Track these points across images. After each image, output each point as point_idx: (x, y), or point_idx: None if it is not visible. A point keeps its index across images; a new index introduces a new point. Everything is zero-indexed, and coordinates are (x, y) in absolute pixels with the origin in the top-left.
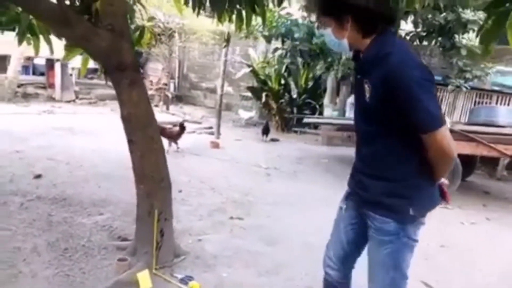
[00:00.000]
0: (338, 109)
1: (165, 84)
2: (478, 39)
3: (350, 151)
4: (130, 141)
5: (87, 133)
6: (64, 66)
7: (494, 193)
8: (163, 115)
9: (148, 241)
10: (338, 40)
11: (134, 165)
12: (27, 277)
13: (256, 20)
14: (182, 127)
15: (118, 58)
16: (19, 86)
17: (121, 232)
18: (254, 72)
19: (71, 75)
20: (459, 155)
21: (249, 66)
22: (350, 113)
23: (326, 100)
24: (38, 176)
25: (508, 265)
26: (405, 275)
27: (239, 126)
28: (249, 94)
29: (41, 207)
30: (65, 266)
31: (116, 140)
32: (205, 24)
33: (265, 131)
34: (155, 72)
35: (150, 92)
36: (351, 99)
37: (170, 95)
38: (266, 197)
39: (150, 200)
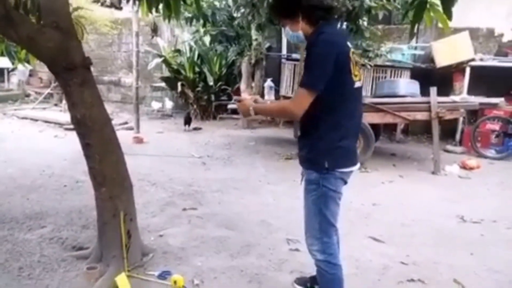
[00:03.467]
0: (255, 93)
1: None
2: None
3: (269, 132)
4: (86, 145)
5: None
6: None
7: (398, 154)
8: (67, 115)
9: (115, 244)
10: (295, 34)
11: (93, 169)
12: None
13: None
14: None
15: (67, 58)
16: None
17: (74, 242)
18: (166, 62)
19: None
20: (370, 124)
21: (160, 56)
22: (268, 96)
23: (242, 86)
24: None
25: (429, 210)
26: (330, 222)
27: (154, 119)
28: (159, 84)
29: None
30: (28, 286)
31: (24, 146)
32: (102, 14)
33: (187, 121)
34: (45, 68)
35: (46, 91)
36: (267, 83)
37: None
38: (210, 185)
39: (114, 202)
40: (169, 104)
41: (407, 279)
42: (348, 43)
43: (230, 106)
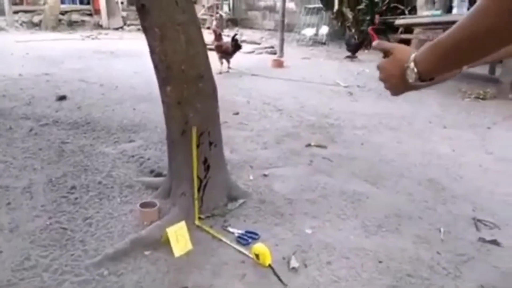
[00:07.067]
0: (439, 9)
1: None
2: None
3: None
4: (142, 7)
5: (130, 56)
6: None
7: None
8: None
9: (185, 176)
10: None
11: (154, 55)
12: (2, 230)
13: None
14: (235, 41)
15: None
16: (63, 13)
17: (155, 164)
18: None
19: (116, 2)
20: None
21: None
22: (458, 10)
23: (420, 1)
24: (62, 98)
25: None
26: None
27: (305, 46)
28: (314, 6)
29: (54, 133)
30: (64, 213)
31: None
32: None
33: (356, 48)
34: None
35: (200, 15)
36: None
37: (224, 15)
38: (353, 120)
39: (183, 110)
40: (324, 29)
41: None
42: None
43: (398, 22)
